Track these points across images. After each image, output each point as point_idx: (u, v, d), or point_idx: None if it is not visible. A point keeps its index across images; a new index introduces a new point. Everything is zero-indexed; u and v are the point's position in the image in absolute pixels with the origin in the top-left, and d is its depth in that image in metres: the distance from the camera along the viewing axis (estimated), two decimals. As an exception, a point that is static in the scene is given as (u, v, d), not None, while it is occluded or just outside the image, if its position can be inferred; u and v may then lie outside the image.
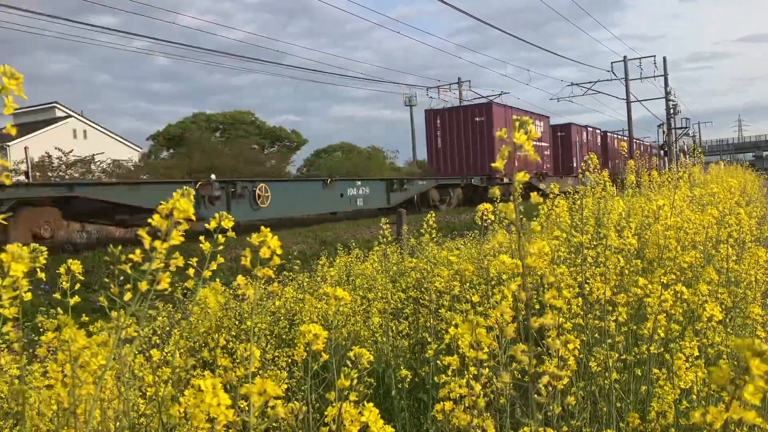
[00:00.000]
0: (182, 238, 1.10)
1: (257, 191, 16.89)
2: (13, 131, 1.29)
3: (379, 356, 3.81)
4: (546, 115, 35.87)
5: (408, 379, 3.18)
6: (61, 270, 1.86)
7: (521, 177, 1.02)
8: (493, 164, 0.97)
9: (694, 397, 2.41)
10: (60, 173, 33.14)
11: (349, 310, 4.07)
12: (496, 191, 1.04)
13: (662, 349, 2.78)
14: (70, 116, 46.47)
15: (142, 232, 1.06)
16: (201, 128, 63.48)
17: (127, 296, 1.17)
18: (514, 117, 1.10)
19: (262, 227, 1.17)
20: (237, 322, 4.20)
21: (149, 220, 1.06)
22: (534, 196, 1.17)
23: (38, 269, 1.43)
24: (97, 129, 47.70)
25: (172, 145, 64.14)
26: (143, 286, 1.09)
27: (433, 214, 4.84)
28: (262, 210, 17.03)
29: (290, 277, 6.02)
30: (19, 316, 1.33)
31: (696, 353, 2.48)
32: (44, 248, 1.57)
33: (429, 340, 3.39)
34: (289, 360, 3.73)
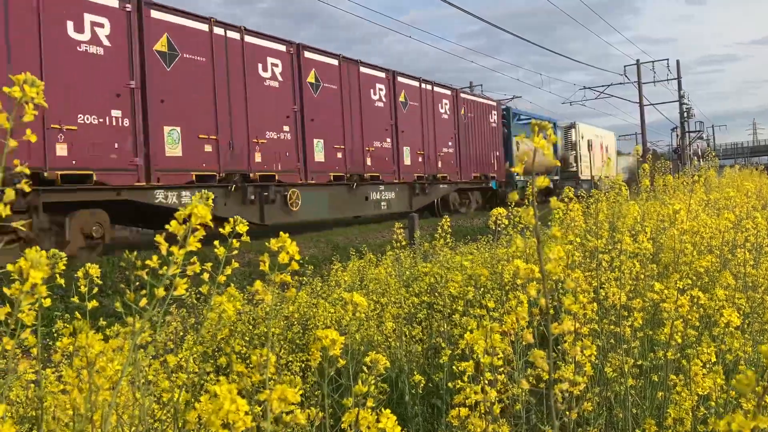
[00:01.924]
0: (199, 245, 1.10)
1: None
2: (33, 138, 1.29)
3: (392, 361, 3.80)
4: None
5: (421, 385, 3.17)
6: (79, 274, 1.87)
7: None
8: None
9: (713, 403, 2.38)
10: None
11: (363, 315, 4.07)
12: (514, 195, 1.03)
13: (679, 354, 2.75)
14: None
15: (159, 238, 1.07)
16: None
17: (143, 302, 1.17)
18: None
19: (281, 233, 1.18)
20: (251, 327, 4.20)
21: (167, 226, 1.06)
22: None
23: (57, 275, 1.44)
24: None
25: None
26: (160, 292, 1.09)
27: (448, 219, 4.83)
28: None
29: (303, 282, 6.04)
30: (38, 322, 1.34)
31: (713, 359, 2.45)
32: (63, 254, 1.58)
33: (443, 345, 3.38)
34: (303, 365, 3.73)
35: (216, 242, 1.73)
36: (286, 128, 16.85)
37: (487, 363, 1.26)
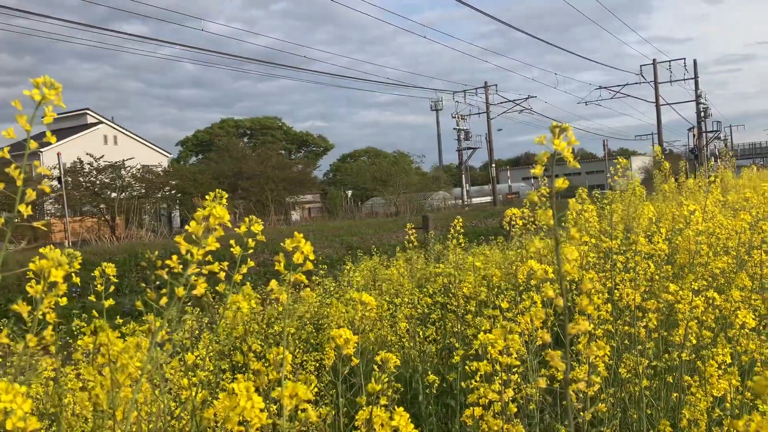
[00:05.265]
0: (218, 244, 1.12)
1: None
2: (53, 139, 1.32)
3: (406, 361, 3.81)
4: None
5: (435, 385, 3.18)
6: (96, 273, 1.90)
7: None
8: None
9: (728, 405, 2.37)
10: (91, 178, 33.75)
11: (376, 315, 4.08)
12: (533, 197, 1.03)
13: (694, 356, 2.74)
14: (101, 122, 47.18)
15: (179, 239, 1.09)
16: (229, 134, 64.50)
17: (163, 301, 1.19)
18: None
19: (296, 233, 1.19)
20: (265, 326, 4.23)
21: (186, 227, 1.08)
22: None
23: (73, 274, 1.46)
24: (127, 135, 48.37)
25: (201, 151, 65.36)
26: (180, 291, 1.11)
27: (460, 219, 4.83)
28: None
29: (316, 282, 6.07)
30: (55, 320, 1.36)
31: (728, 360, 2.44)
32: (78, 253, 1.60)
33: (457, 345, 3.38)
34: (317, 364, 3.75)
35: (232, 241, 1.75)
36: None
37: (505, 363, 1.27)
